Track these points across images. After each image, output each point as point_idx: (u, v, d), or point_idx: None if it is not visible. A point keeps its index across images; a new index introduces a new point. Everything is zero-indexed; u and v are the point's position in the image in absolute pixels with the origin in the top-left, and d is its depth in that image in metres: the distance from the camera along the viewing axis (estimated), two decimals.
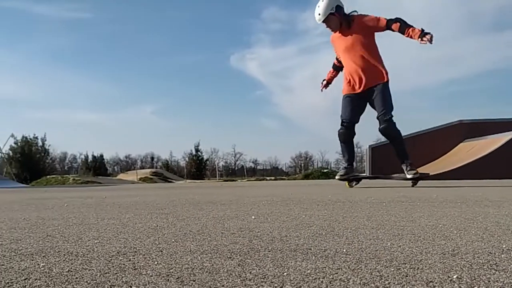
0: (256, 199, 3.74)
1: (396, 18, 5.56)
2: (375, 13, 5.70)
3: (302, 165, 65.63)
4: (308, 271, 1.02)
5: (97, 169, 46.36)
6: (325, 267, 1.06)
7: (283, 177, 40.01)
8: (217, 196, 4.49)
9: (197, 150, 50.50)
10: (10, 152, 37.40)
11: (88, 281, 0.95)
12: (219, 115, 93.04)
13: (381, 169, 18.01)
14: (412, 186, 5.92)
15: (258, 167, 72.31)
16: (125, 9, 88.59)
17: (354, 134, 6.12)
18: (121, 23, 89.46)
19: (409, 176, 5.89)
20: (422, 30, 5.38)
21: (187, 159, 53.19)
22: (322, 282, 0.92)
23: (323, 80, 6.50)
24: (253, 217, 2.25)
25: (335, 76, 6.46)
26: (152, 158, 68.02)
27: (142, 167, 57.74)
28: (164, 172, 44.59)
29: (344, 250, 1.27)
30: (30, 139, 39.69)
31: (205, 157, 52.52)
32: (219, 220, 2.14)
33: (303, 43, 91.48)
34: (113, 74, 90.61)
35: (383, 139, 8.02)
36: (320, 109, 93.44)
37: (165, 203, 3.44)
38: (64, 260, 1.18)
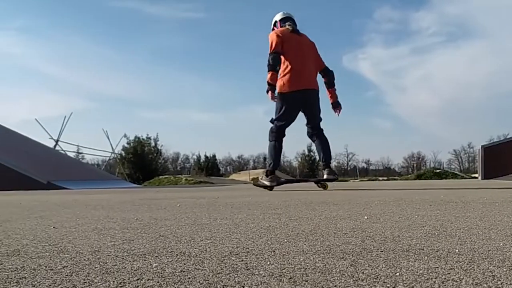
0: (369, 199, 3.72)
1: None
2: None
3: (415, 165, 64.03)
4: (421, 271, 1.03)
5: (209, 169, 47.55)
6: (437, 267, 1.06)
7: (396, 177, 39.47)
8: (329, 196, 4.48)
9: (309, 151, 50.71)
10: (123, 152, 39.05)
11: (201, 281, 0.99)
12: (332, 115, 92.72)
13: (494, 168, 17.42)
14: (324, 189, 6.27)
15: (371, 167, 71.86)
16: (237, 9, 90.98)
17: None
18: (233, 23, 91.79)
19: (325, 177, 6.26)
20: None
21: (299, 159, 53.52)
22: (434, 282, 0.93)
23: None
24: (365, 217, 2.26)
25: None
26: (265, 158, 68.66)
27: (254, 167, 58.66)
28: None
29: (457, 250, 1.28)
30: (143, 139, 41.12)
31: (317, 158, 52.55)
32: (332, 220, 2.16)
33: (415, 43, 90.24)
34: (225, 74, 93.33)
35: (496, 139, 7.89)
36: (433, 109, 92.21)
37: (277, 203, 3.48)
38: (176, 260, 1.22)
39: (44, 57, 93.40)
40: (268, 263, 1.16)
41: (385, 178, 41.49)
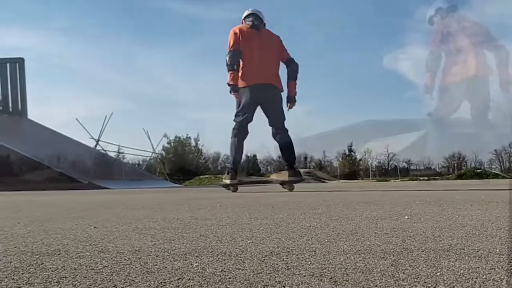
0: (409, 199, 3.70)
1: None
2: None
3: (455, 165, 63.11)
4: (461, 271, 1.03)
5: (250, 169, 47.64)
6: (478, 267, 1.06)
7: (436, 177, 38.96)
8: (369, 196, 4.46)
9: (350, 150, 50.45)
10: (163, 152, 39.40)
11: (241, 281, 1.00)
12: (372, 115, 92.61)
13: None
14: (290, 190, 6.35)
15: (411, 167, 71.25)
16: (279, 9, 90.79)
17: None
18: (275, 23, 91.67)
19: (289, 179, 6.36)
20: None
21: (340, 159, 53.35)
22: (475, 282, 0.93)
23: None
24: (406, 217, 2.25)
25: None
26: (305, 158, 68.45)
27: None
28: (317, 172, 44.88)
29: (497, 250, 1.27)
30: (184, 139, 41.43)
31: (358, 157, 52.35)
32: (372, 220, 2.15)
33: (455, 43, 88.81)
34: None
35: None
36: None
37: (318, 203, 3.48)
38: (217, 260, 1.23)
39: (85, 58, 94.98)
40: (309, 263, 1.16)
41: (425, 178, 41.07)
